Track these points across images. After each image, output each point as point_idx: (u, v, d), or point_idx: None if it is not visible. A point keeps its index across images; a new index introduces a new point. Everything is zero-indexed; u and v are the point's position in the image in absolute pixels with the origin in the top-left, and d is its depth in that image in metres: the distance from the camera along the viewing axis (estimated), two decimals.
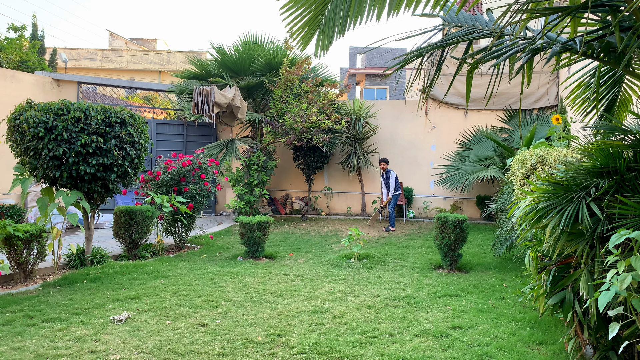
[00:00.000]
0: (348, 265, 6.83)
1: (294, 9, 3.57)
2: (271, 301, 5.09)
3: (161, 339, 4.00)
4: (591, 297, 2.91)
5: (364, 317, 4.60)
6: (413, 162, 12.23)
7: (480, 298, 5.24)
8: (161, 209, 7.58)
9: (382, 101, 13.14)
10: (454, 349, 3.82)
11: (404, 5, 3.35)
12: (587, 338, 3.25)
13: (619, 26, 2.98)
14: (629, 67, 3.52)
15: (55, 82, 11.95)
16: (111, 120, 6.34)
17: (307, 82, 10.71)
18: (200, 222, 10.81)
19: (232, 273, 6.28)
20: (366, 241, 8.58)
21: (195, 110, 9.73)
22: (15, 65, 16.42)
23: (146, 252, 7.28)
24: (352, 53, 30.89)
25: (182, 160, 8.17)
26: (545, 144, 5.56)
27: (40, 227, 5.75)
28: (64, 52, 25.32)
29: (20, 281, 5.69)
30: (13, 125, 6.10)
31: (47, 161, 6.01)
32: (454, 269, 6.58)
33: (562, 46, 3.34)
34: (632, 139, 3.22)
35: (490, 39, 3.70)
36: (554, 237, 3.18)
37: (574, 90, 4.42)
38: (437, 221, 6.60)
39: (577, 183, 3.15)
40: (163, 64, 27.57)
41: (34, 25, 21.75)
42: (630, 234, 2.56)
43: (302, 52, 6.90)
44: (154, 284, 5.69)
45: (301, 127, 9.94)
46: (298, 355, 3.69)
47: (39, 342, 3.90)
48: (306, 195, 12.64)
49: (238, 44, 11.50)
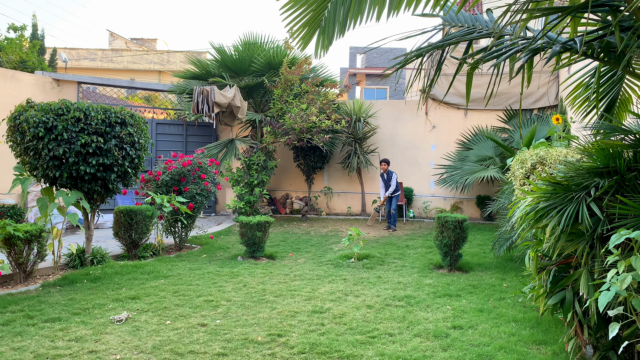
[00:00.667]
0: (348, 265, 6.83)
1: (294, 9, 3.57)
2: (271, 301, 5.09)
3: (161, 339, 4.00)
4: (591, 297, 2.91)
5: (364, 317, 4.60)
6: (413, 162, 12.23)
7: (480, 298, 5.24)
8: (161, 209, 7.58)
9: (382, 101, 13.14)
10: (454, 349, 3.82)
11: (404, 5, 3.35)
12: (587, 338, 3.25)
13: (619, 26, 2.98)
14: (629, 67, 3.52)
15: (55, 82, 11.95)
16: (111, 120, 6.34)
17: (307, 82, 10.70)
18: (200, 222, 10.81)
19: (232, 273, 6.28)
20: (366, 241, 8.58)
21: (195, 110, 9.73)
22: (15, 65, 16.42)
23: (146, 252, 7.28)
24: (352, 53, 30.89)
25: (182, 160, 8.17)
26: (545, 144, 5.56)
27: (40, 227, 5.76)
28: (64, 52, 25.32)
29: (20, 281, 5.70)
30: (13, 125, 6.10)
31: (47, 161, 6.01)
32: (454, 269, 6.58)
33: (562, 46, 3.34)
34: (632, 139, 3.22)
35: (490, 39, 3.70)
36: (554, 237, 3.18)
37: (574, 90, 4.42)
38: (437, 221, 6.60)
39: (577, 183, 3.15)
40: (163, 64, 27.57)
41: (34, 25, 21.75)
42: (630, 234, 2.56)
43: (302, 52, 6.90)
44: (154, 284, 5.69)
45: (301, 127, 9.94)
46: (298, 355, 3.69)
47: (39, 342, 3.90)
48: (306, 195, 12.63)
49: (238, 44, 11.50)
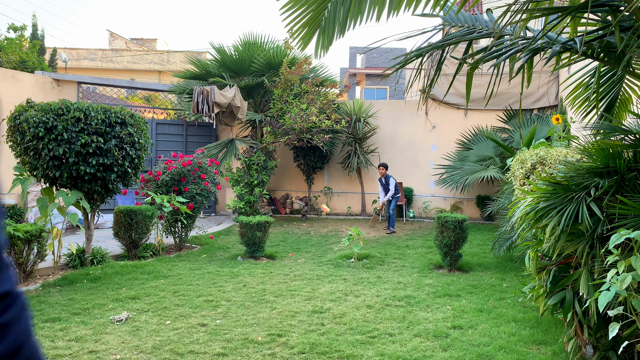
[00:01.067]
0: (348, 265, 6.83)
1: (294, 9, 3.57)
2: (271, 301, 5.09)
3: (161, 339, 4.00)
4: (591, 297, 2.91)
5: (364, 317, 4.60)
6: (413, 162, 12.23)
7: (480, 298, 5.24)
8: (161, 209, 7.58)
9: (382, 101, 13.13)
10: (454, 349, 3.82)
11: (404, 5, 3.35)
12: (587, 338, 3.25)
13: (619, 26, 2.98)
14: (629, 67, 3.52)
15: (55, 82, 11.95)
16: (111, 120, 6.34)
17: (307, 82, 10.70)
18: (200, 222, 10.81)
19: (232, 273, 6.28)
20: (366, 241, 8.58)
21: (195, 110, 9.73)
22: (15, 65, 16.41)
23: (146, 252, 7.28)
24: (352, 53, 30.88)
25: (182, 160, 8.17)
26: (545, 144, 5.56)
27: (40, 227, 5.75)
28: (64, 52, 25.31)
29: (20, 281, 5.69)
30: (13, 125, 6.10)
31: (47, 161, 6.01)
32: (454, 269, 6.58)
33: (562, 46, 3.34)
34: (632, 139, 3.22)
35: (490, 39, 3.70)
36: (554, 237, 3.18)
37: (574, 90, 4.42)
38: (437, 221, 6.60)
39: (577, 183, 3.15)
40: (163, 64, 27.57)
41: (34, 25, 21.75)
42: (630, 234, 2.56)
43: (302, 52, 6.90)
44: (154, 284, 5.69)
45: (301, 127, 9.94)
46: (298, 355, 3.68)
47: (39, 342, 3.89)
48: (306, 195, 12.63)
49: (238, 44, 11.50)
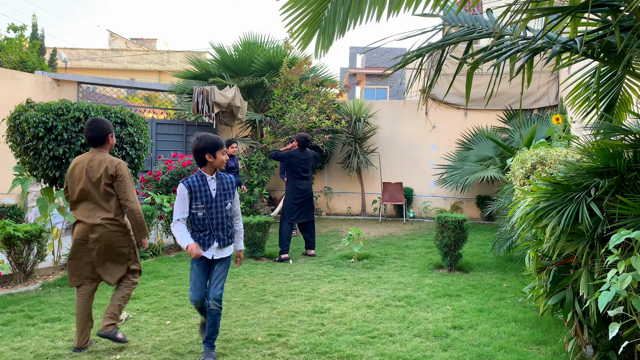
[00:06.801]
0: (348, 265, 6.83)
1: (294, 9, 3.57)
2: (271, 301, 5.09)
3: (161, 339, 3.99)
4: (591, 297, 2.90)
5: (364, 317, 4.59)
6: (413, 162, 12.23)
7: (480, 298, 5.24)
8: (161, 209, 7.58)
9: (382, 101, 13.14)
10: (454, 349, 3.82)
11: (404, 5, 3.36)
12: (587, 338, 3.25)
13: (619, 26, 2.98)
14: (629, 67, 3.52)
15: (55, 82, 11.95)
16: (111, 120, 6.33)
17: (307, 82, 10.70)
18: None
19: (232, 273, 6.28)
20: (366, 241, 8.58)
21: (195, 110, 9.73)
22: (15, 65, 16.42)
23: (146, 252, 7.28)
24: (352, 53, 30.88)
25: (182, 160, 8.18)
26: (545, 144, 5.56)
27: (40, 227, 5.76)
28: (64, 52, 25.32)
29: (20, 281, 5.69)
30: (13, 125, 6.09)
31: (47, 161, 6.00)
32: (454, 269, 6.58)
33: (562, 46, 3.34)
34: (632, 139, 3.22)
35: (490, 39, 3.70)
36: (554, 237, 3.18)
37: (574, 90, 4.42)
38: (437, 221, 6.60)
39: (577, 183, 3.15)
40: (163, 64, 27.57)
41: (34, 25, 21.76)
42: (630, 234, 2.56)
43: (302, 52, 6.91)
44: (154, 284, 5.69)
45: (301, 127, 9.93)
46: (298, 355, 3.68)
47: (39, 342, 3.90)
48: None
49: (238, 44, 11.50)
